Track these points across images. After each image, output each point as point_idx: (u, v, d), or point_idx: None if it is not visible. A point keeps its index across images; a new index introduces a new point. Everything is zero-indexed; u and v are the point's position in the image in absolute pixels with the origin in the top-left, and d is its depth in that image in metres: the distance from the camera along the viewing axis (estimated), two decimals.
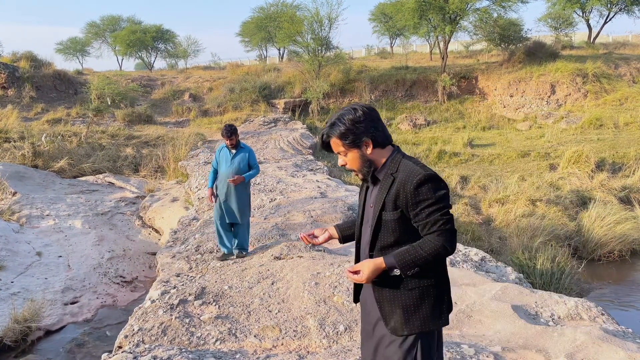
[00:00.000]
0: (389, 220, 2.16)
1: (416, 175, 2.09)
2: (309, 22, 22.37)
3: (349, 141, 2.19)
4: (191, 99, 22.88)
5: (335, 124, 2.21)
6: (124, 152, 14.54)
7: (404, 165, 2.16)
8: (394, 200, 2.13)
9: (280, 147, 14.46)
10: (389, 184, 2.16)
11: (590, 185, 11.00)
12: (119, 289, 6.86)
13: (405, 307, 2.14)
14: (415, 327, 2.14)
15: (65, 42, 38.74)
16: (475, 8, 21.52)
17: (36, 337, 5.44)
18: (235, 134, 6.08)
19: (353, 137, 2.19)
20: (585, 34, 28.97)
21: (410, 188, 2.08)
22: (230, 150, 6.18)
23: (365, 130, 2.18)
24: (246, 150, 6.23)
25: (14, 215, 9.05)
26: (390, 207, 2.15)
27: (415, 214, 2.10)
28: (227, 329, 4.25)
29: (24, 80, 21.09)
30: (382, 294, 2.19)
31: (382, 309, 2.20)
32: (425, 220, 2.08)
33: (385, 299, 2.18)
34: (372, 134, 2.19)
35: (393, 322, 2.16)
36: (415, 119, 19.77)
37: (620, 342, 3.68)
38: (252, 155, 6.24)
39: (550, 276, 6.76)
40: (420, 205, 2.08)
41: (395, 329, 2.16)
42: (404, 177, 2.11)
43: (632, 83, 20.19)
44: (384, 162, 2.22)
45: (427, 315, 2.15)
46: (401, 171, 2.14)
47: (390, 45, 36.33)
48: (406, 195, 2.10)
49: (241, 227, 6.19)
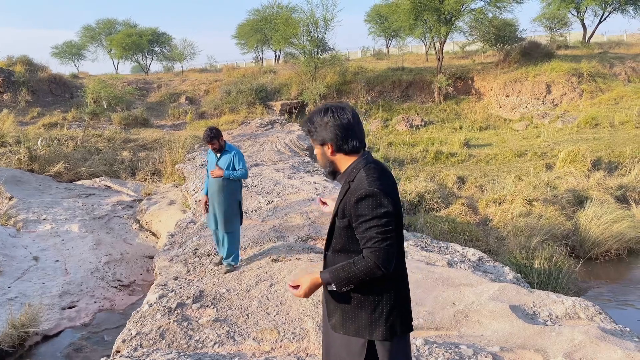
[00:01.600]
0: (338, 227, 2.23)
1: (359, 189, 2.11)
2: (304, 24, 22.40)
3: (313, 137, 2.29)
4: (187, 102, 22.86)
5: (308, 119, 2.31)
6: (120, 156, 14.52)
7: (359, 176, 2.18)
8: (342, 209, 2.19)
9: (277, 149, 14.46)
10: (344, 191, 2.20)
11: (587, 185, 11.03)
12: (117, 293, 6.84)
13: (344, 310, 2.23)
14: (351, 331, 2.22)
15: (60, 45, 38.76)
16: (470, 9, 21.60)
17: (34, 342, 5.42)
18: (217, 138, 5.69)
19: (315, 135, 2.28)
20: (580, 33, 29.09)
21: (352, 201, 2.12)
22: (216, 153, 5.84)
23: (327, 134, 2.23)
24: (231, 152, 5.80)
25: (10, 220, 9.02)
26: (340, 214, 2.21)
27: (355, 226, 2.15)
28: (225, 332, 4.24)
29: (20, 85, 21.04)
30: (331, 292, 2.27)
31: (327, 306, 2.33)
32: (362, 235, 2.12)
33: (330, 298, 2.28)
34: (333, 139, 2.23)
35: (334, 320, 2.27)
36: (412, 120, 19.80)
37: (618, 341, 3.69)
38: (238, 157, 5.78)
39: (547, 276, 6.77)
40: (359, 219, 2.11)
41: (334, 325, 2.27)
42: (353, 188, 2.15)
43: (627, 82, 20.27)
44: (345, 169, 2.26)
45: (363, 324, 2.20)
46: (355, 181, 2.17)
47: (386, 47, 36.40)
48: (350, 207, 2.14)
49: (227, 237, 5.75)
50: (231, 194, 5.73)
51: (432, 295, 4.67)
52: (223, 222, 5.68)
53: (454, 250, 6.65)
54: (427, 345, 3.74)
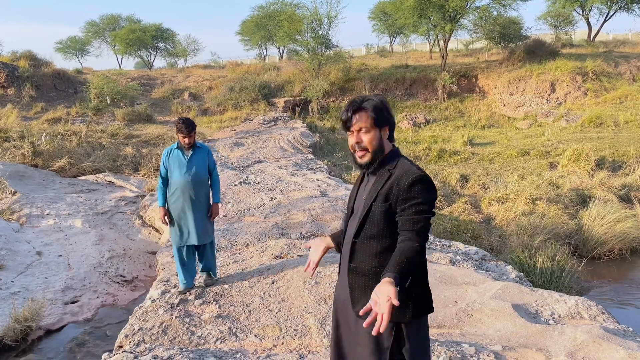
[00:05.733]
0: (376, 212, 2.25)
1: (413, 173, 2.20)
2: (308, 20, 22.35)
3: (377, 118, 2.28)
4: (191, 98, 22.87)
5: (370, 99, 2.30)
6: (123, 151, 14.52)
7: (402, 163, 2.29)
8: (386, 193, 2.23)
9: (280, 146, 14.46)
10: (385, 178, 2.26)
11: (590, 184, 10.99)
12: (119, 288, 6.86)
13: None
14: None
15: (64, 41, 38.78)
16: (475, 6, 21.52)
17: (36, 337, 5.43)
18: (195, 130, 4.91)
19: (381, 116, 2.29)
20: (585, 32, 28.97)
21: (405, 184, 2.19)
22: (185, 151, 4.95)
23: (390, 117, 2.34)
24: (204, 149, 5.05)
25: (14, 215, 9.04)
26: (381, 199, 2.24)
27: (402, 209, 2.19)
28: (227, 328, 4.25)
29: (24, 80, 21.08)
30: (356, 280, 2.30)
31: (352, 294, 2.31)
32: (410, 217, 2.17)
33: (358, 286, 2.29)
34: (393, 124, 2.36)
35: (360, 306, 2.23)
36: (415, 118, 19.77)
37: (621, 341, 3.68)
38: (212, 156, 5.12)
39: (550, 275, 6.76)
40: (409, 201, 2.17)
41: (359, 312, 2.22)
42: (401, 173, 2.23)
43: (632, 81, 20.18)
44: (385, 155, 2.32)
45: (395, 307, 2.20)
46: (399, 168, 2.26)
47: (390, 44, 36.32)
48: (399, 190, 2.20)
49: (209, 247, 5.09)
50: (207, 196, 5.06)
51: (434, 293, 4.66)
52: (202, 231, 4.93)
53: (456, 248, 6.64)
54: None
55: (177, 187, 4.86)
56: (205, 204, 5.00)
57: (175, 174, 4.88)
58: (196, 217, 4.88)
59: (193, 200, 4.87)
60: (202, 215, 4.95)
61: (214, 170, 5.13)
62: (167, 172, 4.96)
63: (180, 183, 4.85)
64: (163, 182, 4.98)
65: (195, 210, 4.88)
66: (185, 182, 4.84)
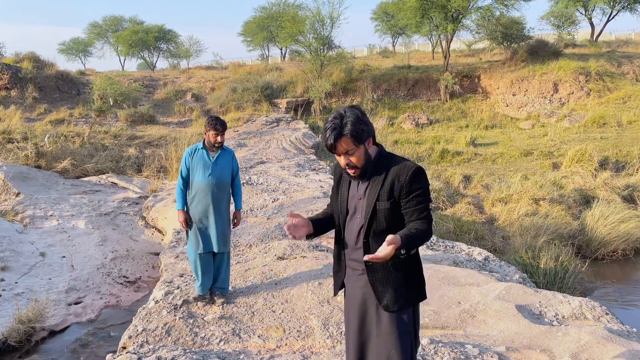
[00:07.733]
0: (382, 210, 2.37)
1: (410, 167, 2.35)
2: (310, 21, 22.38)
3: (359, 138, 2.33)
4: (193, 99, 22.91)
5: (347, 119, 2.32)
6: (126, 153, 14.55)
7: (394, 160, 2.42)
8: (388, 191, 2.35)
9: (282, 147, 14.46)
10: (382, 177, 2.38)
11: (594, 184, 10.96)
12: (123, 289, 6.87)
13: (395, 286, 2.39)
14: (403, 304, 2.41)
15: (67, 42, 38.99)
16: (477, 6, 21.50)
17: (40, 338, 5.44)
18: (226, 129, 4.64)
19: (361, 134, 2.34)
20: (588, 32, 28.91)
21: (406, 178, 2.32)
22: (210, 152, 4.65)
23: (369, 128, 2.38)
24: (230, 152, 4.78)
25: (17, 216, 9.07)
26: (384, 197, 2.36)
27: (407, 201, 2.34)
28: (230, 329, 4.25)
29: (27, 81, 21.15)
30: (375, 276, 2.41)
31: (375, 290, 2.42)
32: (415, 207, 2.33)
33: (378, 280, 2.41)
34: (372, 131, 2.41)
35: (386, 300, 2.39)
36: (418, 118, 19.75)
37: (625, 342, 3.66)
38: (236, 160, 4.87)
39: (553, 275, 6.74)
40: (412, 193, 2.33)
41: (387, 306, 2.39)
42: (398, 169, 2.36)
43: (635, 81, 20.12)
44: (374, 158, 2.42)
45: (413, 292, 2.45)
46: (392, 164, 2.39)
47: (392, 44, 36.33)
48: (401, 185, 2.34)
49: (226, 256, 4.79)
50: (228, 202, 4.77)
51: (437, 294, 4.66)
52: (223, 238, 4.65)
53: (459, 249, 6.63)
54: (433, 345, 3.74)
55: (200, 190, 4.58)
56: (227, 210, 4.72)
57: (199, 175, 4.58)
58: (217, 223, 4.59)
59: (215, 205, 4.59)
60: (223, 222, 4.66)
61: (237, 176, 4.83)
62: (189, 173, 4.64)
63: (203, 185, 4.56)
64: (184, 183, 4.66)
65: (217, 216, 4.59)
66: (209, 184, 4.55)
